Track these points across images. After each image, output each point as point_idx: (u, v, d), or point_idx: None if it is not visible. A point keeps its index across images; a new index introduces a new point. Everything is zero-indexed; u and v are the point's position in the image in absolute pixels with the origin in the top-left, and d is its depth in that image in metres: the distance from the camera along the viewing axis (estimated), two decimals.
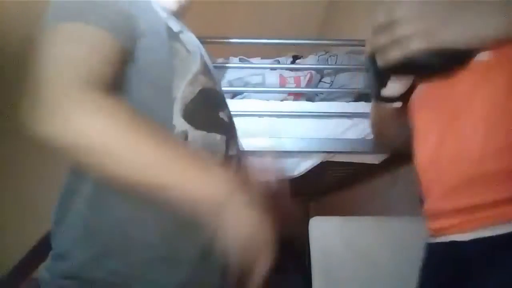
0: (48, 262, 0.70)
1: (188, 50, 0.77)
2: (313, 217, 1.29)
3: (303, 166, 1.57)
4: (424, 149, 0.72)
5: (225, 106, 0.82)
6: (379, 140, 1.00)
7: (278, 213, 0.64)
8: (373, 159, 1.64)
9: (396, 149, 0.86)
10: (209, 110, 0.76)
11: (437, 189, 0.70)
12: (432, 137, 0.70)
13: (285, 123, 1.52)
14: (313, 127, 1.52)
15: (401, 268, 1.17)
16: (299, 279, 2.61)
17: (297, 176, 1.59)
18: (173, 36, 0.75)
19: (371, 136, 1.55)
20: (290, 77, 1.64)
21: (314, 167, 1.58)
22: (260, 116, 1.51)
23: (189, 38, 0.81)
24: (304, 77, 1.65)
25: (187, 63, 0.75)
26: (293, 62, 1.73)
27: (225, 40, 1.68)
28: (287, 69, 1.67)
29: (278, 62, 1.72)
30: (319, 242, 1.23)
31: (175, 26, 0.78)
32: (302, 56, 1.77)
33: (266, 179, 0.81)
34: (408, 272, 1.15)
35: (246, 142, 1.38)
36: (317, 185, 2.42)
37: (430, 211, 0.73)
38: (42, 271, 0.69)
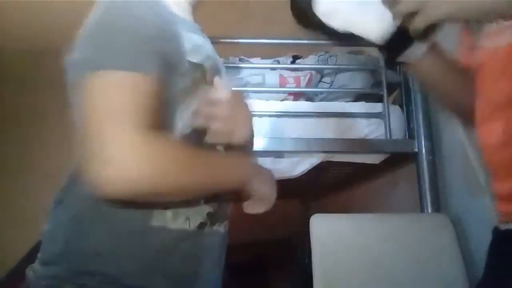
0: (35, 264, 0.71)
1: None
2: (313, 214, 1.29)
3: (303, 166, 1.57)
4: (499, 125, 0.68)
5: None
6: (449, 108, 0.94)
7: None
8: (373, 159, 1.64)
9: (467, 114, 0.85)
10: (203, 145, 0.74)
11: None
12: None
13: (285, 123, 1.52)
14: (313, 127, 1.52)
15: (402, 265, 1.17)
16: (299, 278, 2.61)
17: (297, 176, 1.59)
18: (197, 67, 0.75)
19: (371, 136, 1.56)
20: (290, 77, 1.64)
21: (314, 167, 1.58)
22: (260, 116, 1.51)
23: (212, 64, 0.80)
24: (304, 77, 1.65)
25: (193, 97, 0.74)
26: (293, 62, 1.73)
27: (225, 40, 1.68)
28: (287, 69, 1.67)
29: (278, 62, 1.72)
30: (320, 240, 1.23)
31: (199, 57, 0.77)
32: (302, 56, 1.77)
33: None
34: (409, 269, 1.15)
35: None
36: (317, 185, 2.42)
37: (505, 193, 0.69)
38: (29, 273, 0.70)
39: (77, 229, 0.68)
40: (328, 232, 1.24)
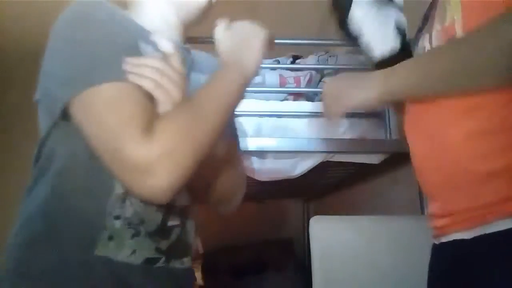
0: None
1: None
2: (313, 216, 1.29)
3: (303, 166, 1.57)
4: (428, 152, 0.74)
5: None
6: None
7: None
8: (373, 159, 1.64)
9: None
10: None
11: (443, 191, 0.71)
12: (437, 140, 0.71)
13: (285, 123, 1.52)
14: (313, 127, 1.52)
15: (401, 267, 1.17)
16: (299, 279, 2.61)
17: (297, 176, 1.59)
18: None
19: (371, 136, 1.55)
20: (290, 77, 1.64)
21: (314, 167, 1.58)
22: (260, 116, 1.51)
23: None
24: (304, 77, 1.65)
25: None
26: (293, 62, 1.73)
27: None
28: (287, 69, 1.67)
29: (278, 62, 1.72)
30: (319, 242, 1.23)
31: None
32: (302, 56, 1.77)
33: None
34: (408, 272, 1.15)
35: (246, 142, 1.38)
36: (317, 185, 2.42)
37: (435, 213, 0.74)
38: None
39: (27, 251, 0.67)
40: (328, 234, 1.24)
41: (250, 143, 1.41)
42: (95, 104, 0.63)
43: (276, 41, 1.69)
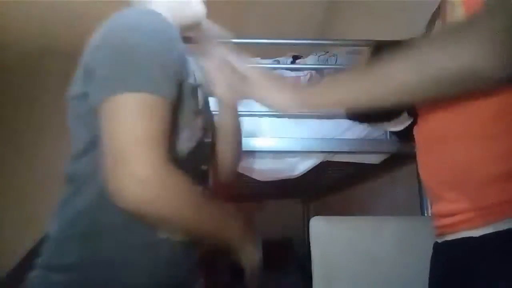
0: (40, 270, 0.70)
1: (198, 109, 0.80)
2: (313, 217, 1.29)
3: (303, 166, 1.57)
4: (436, 153, 0.74)
5: (209, 157, 0.89)
6: None
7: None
8: (373, 159, 1.64)
9: None
10: (195, 163, 0.80)
11: (451, 191, 0.71)
12: (454, 143, 0.71)
13: (285, 123, 1.52)
14: (313, 127, 1.52)
15: (401, 267, 1.17)
16: (299, 279, 2.61)
17: (297, 176, 1.59)
18: (194, 90, 0.79)
19: (371, 136, 1.55)
20: (290, 77, 1.64)
21: (314, 167, 1.58)
22: (260, 116, 1.51)
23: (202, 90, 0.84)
24: (304, 77, 1.64)
25: (191, 118, 0.78)
26: (293, 62, 1.73)
27: (225, 40, 1.68)
28: (287, 69, 1.66)
29: (278, 62, 1.72)
30: (319, 242, 1.23)
31: (197, 77, 0.82)
32: (302, 56, 1.77)
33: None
34: (408, 272, 1.15)
35: (246, 142, 1.37)
36: (317, 185, 2.42)
37: (441, 212, 0.74)
38: (34, 278, 0.70)
39: (92, 240, 0.69)
40: (328, 235, 1.24)
41: (250, 143, 1.41)
42: (124, 110, 0.64)
43: (276, 41, 1.70)
